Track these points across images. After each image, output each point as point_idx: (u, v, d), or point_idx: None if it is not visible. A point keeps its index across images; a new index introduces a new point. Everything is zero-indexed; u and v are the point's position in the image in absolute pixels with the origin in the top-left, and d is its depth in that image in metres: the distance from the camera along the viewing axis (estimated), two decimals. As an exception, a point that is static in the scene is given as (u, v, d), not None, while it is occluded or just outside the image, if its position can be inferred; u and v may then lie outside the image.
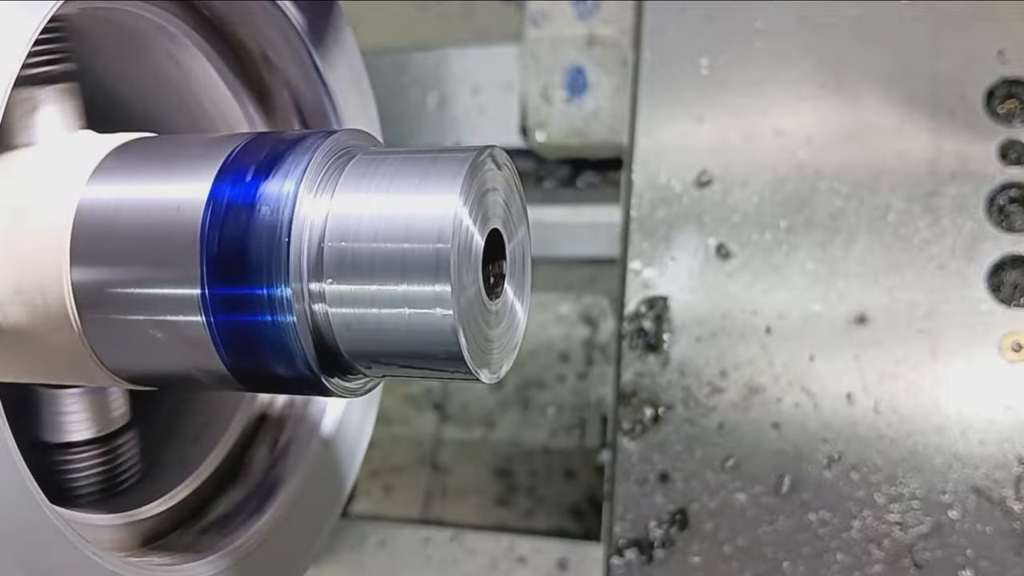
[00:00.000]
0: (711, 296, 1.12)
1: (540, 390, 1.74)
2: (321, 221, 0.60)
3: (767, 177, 1.14)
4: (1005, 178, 1.08)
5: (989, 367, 1.04)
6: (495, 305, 0.63)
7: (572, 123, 1.60)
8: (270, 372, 0.63)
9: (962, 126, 1.10)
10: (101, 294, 0.64)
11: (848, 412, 1.06)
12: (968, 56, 1.12)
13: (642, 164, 1.18)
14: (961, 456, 1.03)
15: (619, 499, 1.10)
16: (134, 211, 0.64)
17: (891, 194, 1.10)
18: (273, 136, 0.65)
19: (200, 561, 0.75)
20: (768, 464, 1.07)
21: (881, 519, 1.04)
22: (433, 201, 0.58)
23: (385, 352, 0.61)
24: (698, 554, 1.07)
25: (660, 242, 1.15)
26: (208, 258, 0.61)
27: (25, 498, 0.58)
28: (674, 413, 1.10)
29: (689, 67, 1.19)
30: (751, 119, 1.16)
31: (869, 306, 1.08)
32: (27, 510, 0.58)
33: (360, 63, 0.91)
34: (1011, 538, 1.00)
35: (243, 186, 0.62)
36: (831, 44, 1.16)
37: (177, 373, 0.68)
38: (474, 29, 2.04)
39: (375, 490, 1.76)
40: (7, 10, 0.60)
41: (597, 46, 1.58)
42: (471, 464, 1.74)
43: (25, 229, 0.65)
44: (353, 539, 1.59)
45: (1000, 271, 1.06)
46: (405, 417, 1.80)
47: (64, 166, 0.67)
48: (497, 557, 1.55)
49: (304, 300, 0.60)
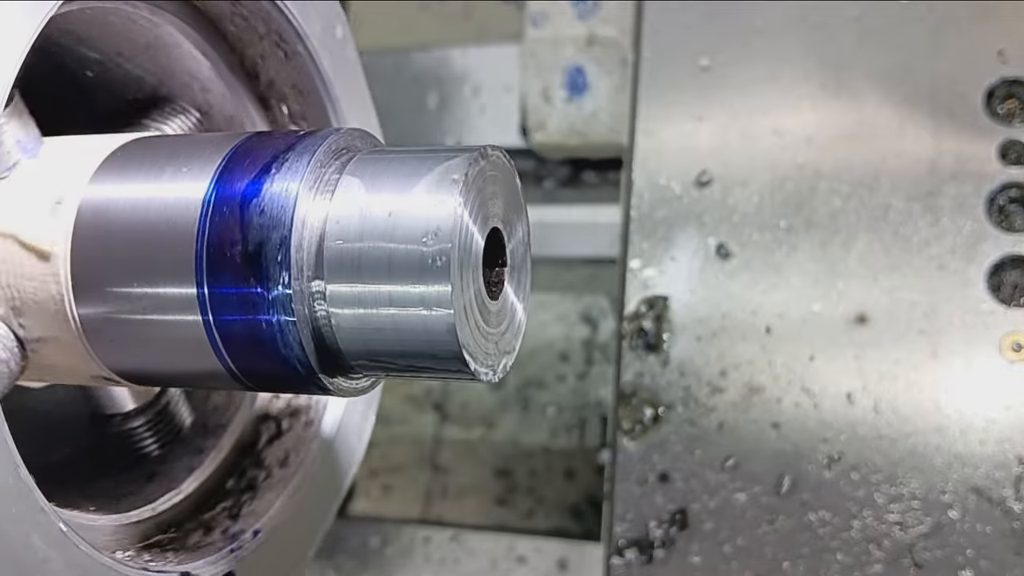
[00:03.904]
0: (711, 296, 1.12)
1: (540, 390, 1.74)
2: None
3: (767, 177, 1.14)
4: (1005, 178, 1.07)
5: (989, 367, 1.04)
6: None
7: (572, 123, 1.60)
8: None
9: (962, 126, 1.10)
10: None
11: (848, 412, 1.06)
12: (968, 56, 1.12)
13: (642, 164, 1.18)
14: (961, 456, 1.03)
15: (619, 499, 1.10)
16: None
17: (891, 194, 1.10)
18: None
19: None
20: (768, 464, 1.07)
21: (881, 519, 1.04)
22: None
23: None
24: (698, 554, 1.07)
25: (660, 242, 1.15)
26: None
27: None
28: (674, 413, 1.10)
29: (689, 67, 1.19)
30: (751, 119, 1.16)
31: (869, 306, 1.08)
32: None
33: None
34: (1011, 538, 1.00)
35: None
36: (831, 44, 1.16)
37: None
38: (474, 29, 2.04)
39: (375, 490, 1.76)
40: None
41: (597, 46, 1.58)
42: (471, 464, 1.74)
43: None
44: (353, 539, 1.59)
45: (1000, 271, 1.06)
46: (405, 417, 1.80)
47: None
48: (497, 557, 1.55)
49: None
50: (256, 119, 0.87)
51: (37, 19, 0.62)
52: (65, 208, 0.65)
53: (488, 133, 1.77)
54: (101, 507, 0.74)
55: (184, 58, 0.81)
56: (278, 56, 0.84)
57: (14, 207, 0.66)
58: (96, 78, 0.82)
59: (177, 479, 0.82)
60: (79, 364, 0.67)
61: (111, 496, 0.78)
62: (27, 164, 0.67)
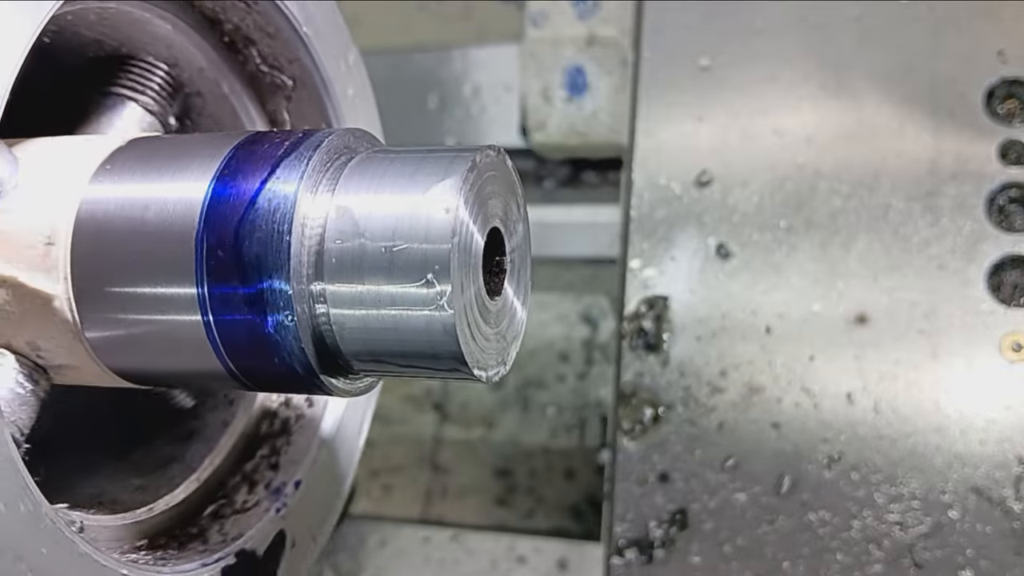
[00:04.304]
0: (711, 296, 1.12)
1: (540, 390, 1.74)
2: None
3: (767, 177, 1.14)
4: (1005, 178, 1.07)
5: (989, 367, 1.04)
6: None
7: (572, 123, 1.60)
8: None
9: (962, 126, 1.10)
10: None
11: (848, 412, 1.06)
12: (968, 56, 1.12)
13: (642, 164, 1.18)
14: (961, 456, 1.03)
15: (619, 499, 1.10)
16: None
17: (891, 194, 1.10)
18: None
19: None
20: (768, 464, 1.07)
21: (881, 519, 1.04)
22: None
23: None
24: (698, 554, 1.07)
25: (660, 242, 1.15)
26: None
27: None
28: (674, 413, 1.10)
29: (689, 67, 1.19)
30: (751, 119, 1.16)
31: (869, 306, 1.08)
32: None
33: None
34: (1011, 538, 1.00)
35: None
36: (831, 44, 1.16)
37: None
38: (474, 29, 2.04)
39: (375, 490, 1.76)
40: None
41: (597, 46, 1.58)
42: (471, 464, 1.74)
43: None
44: (353, 539, 1.59)
45: (1000, 271, 1.06)
46: (405, 417, 1.80)
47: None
48: (497, 557, 1.55)
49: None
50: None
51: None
52: (60, 248, 0.64)
53: (488, 133, 1.77)
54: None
55: (143, 22, 0.79)
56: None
57: (8, 250, 0.65)
58: (53, 42, 0.79)
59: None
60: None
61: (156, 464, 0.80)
62: (12, 197, 0.66)
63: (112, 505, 0.75)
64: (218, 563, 0.75)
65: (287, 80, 0.86)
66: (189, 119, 0.87)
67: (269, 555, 0.80)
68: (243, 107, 0.87)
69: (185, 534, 0.79)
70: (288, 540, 0.82)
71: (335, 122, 0.87)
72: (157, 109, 0.81)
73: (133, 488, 0.79)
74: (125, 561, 0.68)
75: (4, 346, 0.67)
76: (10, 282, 0.65)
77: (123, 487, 0.79)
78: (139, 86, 0.81)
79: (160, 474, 0.81)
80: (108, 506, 0.75)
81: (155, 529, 0.77)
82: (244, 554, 0.77)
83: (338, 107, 0.87)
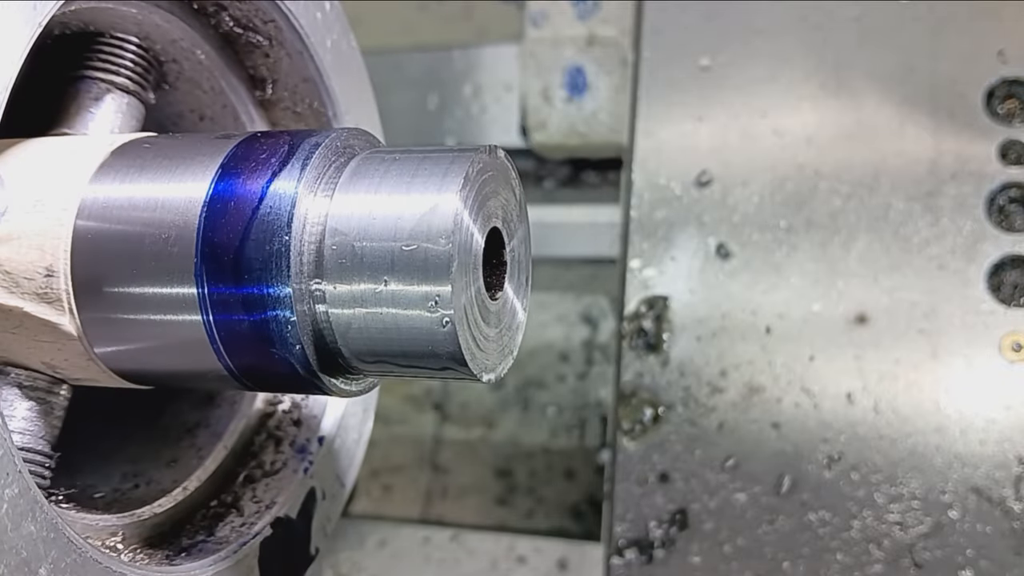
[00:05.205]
0: (711, 296, 1.12)
1: (540, 390, 1.74)
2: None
3: (767, 177, 1.14)
4: (1005, 178, 1.07)
5: (989, 367, 1.04)
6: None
7: (572, 123, 1.60)
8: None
9: (962, 126, 1.10)
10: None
11: (848, 412, 1.06)
12: (968, 56, 1.12)
13: (642, 164, 1.18)
14: (961, 456, 1.03)
15: (619, 499, 1.10)
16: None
17: (891, 194, 1.10)
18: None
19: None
20: (768, 464, 1.07)
21: (881, 519, 1.04)
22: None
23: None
24: (698, 554, 1.07)
25: (660, 242, 1.15)
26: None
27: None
28: (674, 413, 1.10)
29: (689, 67, 1.19)
30: (751, 119, 1.16)
31: (869, 306, 1.08)
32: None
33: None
34: (1011, 538, 1.00)
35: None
36: (831, 44, 1.16)
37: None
38: (474, 29, 2.04)
39: (375, 490, 1.76)
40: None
41: (597, 46, 1.58)
42: (471, 464, 1.74)
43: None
44: (353, 539, 1.59)
45: (1000, 271, 1.06)
46: (405, 417, 1.80)
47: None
48: (497, 557, 1.55)
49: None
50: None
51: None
52: (60, 278, 0.64)
53: (488, 133, 1.77)
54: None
55: (113, 10, 0.76)
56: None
57: (8, 281, 0.65)
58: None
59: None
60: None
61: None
62: (3, 225, 0.65)
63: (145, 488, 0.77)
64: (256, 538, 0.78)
65: (262, 40, 0.83)
66: (167, 84, 0.84)
67: (302, 515, 0.83)
68: (220, 69, 0.84)
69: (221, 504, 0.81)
70: (318, 493, 0.85)
71: (318, 75, 0.85)
72: (134, 88, 0.78)
73: (164, 464, 0.81)
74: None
75: (22, 366, 0.68)
76: (16, 312, 0.65)
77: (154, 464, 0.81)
78: (112, 66, 0.77)
79: (188, 443, 0.83)
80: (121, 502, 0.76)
81: (186, 510, 0.79)
82: (280, 522, 0.80)
83: (319, 58, 0.84)
